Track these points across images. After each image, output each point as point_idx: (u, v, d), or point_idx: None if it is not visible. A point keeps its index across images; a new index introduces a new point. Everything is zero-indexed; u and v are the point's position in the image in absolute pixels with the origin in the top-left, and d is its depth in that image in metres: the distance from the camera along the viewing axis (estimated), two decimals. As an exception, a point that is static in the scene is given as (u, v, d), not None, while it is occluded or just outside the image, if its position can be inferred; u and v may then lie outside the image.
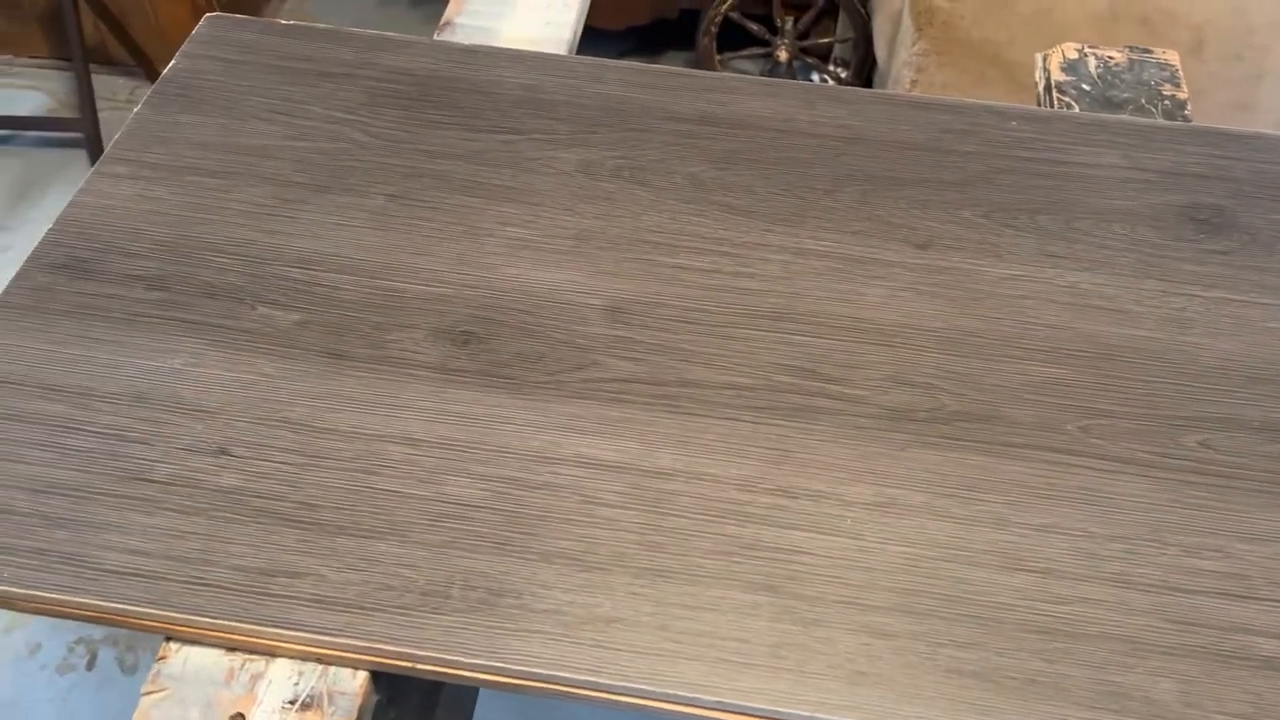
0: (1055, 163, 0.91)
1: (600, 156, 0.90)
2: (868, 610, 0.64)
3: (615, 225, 0.85)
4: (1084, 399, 0.75)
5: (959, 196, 0.88)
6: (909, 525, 0.68)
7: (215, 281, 0.79)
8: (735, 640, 0.63)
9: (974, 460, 0.71)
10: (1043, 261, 0.83)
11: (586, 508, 0.68)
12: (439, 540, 0.66)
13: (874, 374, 0.76)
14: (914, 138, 0.93)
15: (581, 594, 0.64)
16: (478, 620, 0.63)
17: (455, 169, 0.88)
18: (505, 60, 0.98)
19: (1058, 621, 0.64)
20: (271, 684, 0.63)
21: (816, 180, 0.89)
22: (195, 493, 0.68)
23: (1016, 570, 0.66)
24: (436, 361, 0.75)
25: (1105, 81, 1.04)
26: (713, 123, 0.93)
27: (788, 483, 0.70)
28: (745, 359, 0.77)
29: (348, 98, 0.94)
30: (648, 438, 0.72)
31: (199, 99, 0.93)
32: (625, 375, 0.75)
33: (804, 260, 0.83)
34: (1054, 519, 0.69)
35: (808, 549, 0.67)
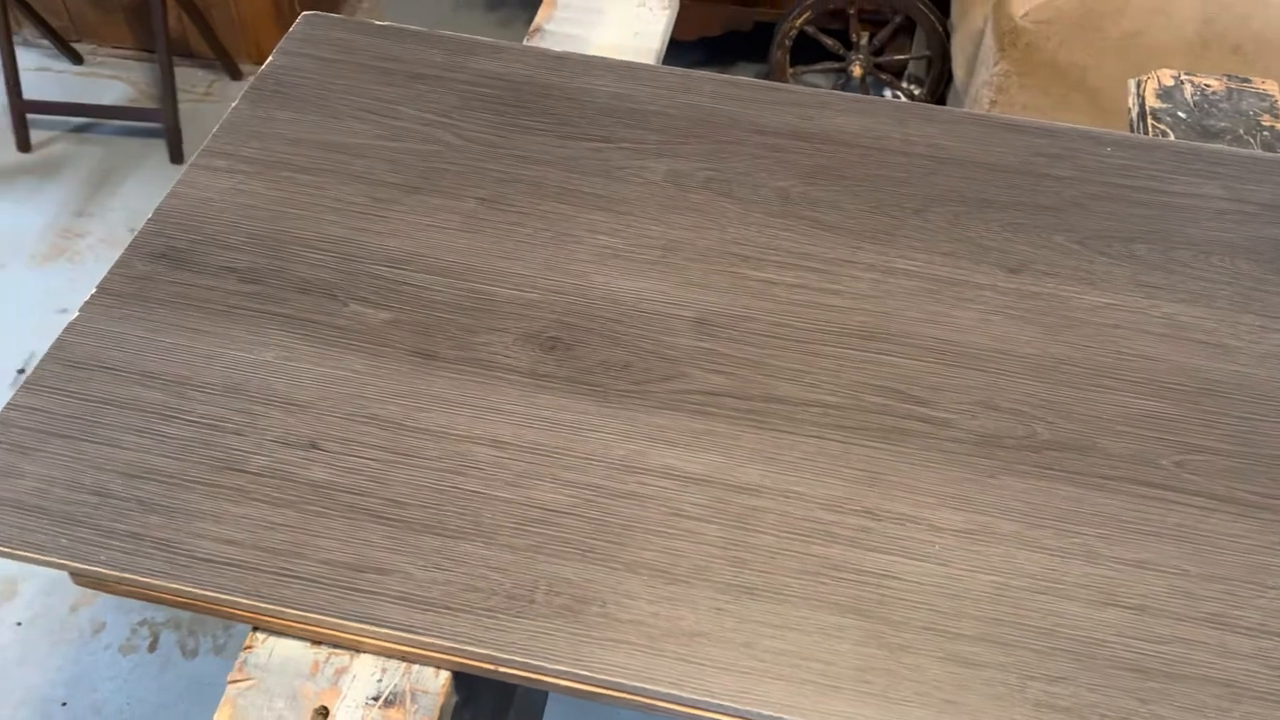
0: (1152, 191, 0.89)
1: (689, 167, 0.90)
2: (955, 638, 0.63)
3: (703, 237, 0.85)
4: (1180, 434, 0.73)
5: (1053, 221, 0.87)
6: (998, 554, 0.67)
7: (308, 277, 0.80)
8: (820, 662, 0.62)
9: (1066, 491, 0.70)
10: (1138, 291, 0.82)
11: (672, 519, 0.68)
12: (525, 544, 0.66)
13: (964, 398, 0.75)
14: (1007, 160, 0.92)
15: (666, 606, 0.64)
16: (562, 626, 0.63)
17: (546, 175, 0.89)
18: (596, 68, 0.99)
19: (1153, 660, 0.63)
20: (356, 679, 0.63)
21: (907, 199, 0.88)
22: (286, 485, 0.68)
23: (1109, 605, 0.65)
24: (525, 366, 0.75)
25: (1202, 110, 1.02)
26: (802, 137, 0.93)
27: (875, 505, 0.69)
28: (833, 377, 0.76)
29: (440, 100, 0.94)
30: (733, 452, 0.72)
31: (294, 96, 0.94)
32: (711, 388, 0.75)
33: (893, 279, 0.82)
34: (1149, 555, 0.67)
35: (895, 573, 0.66)
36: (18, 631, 1.45)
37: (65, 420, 0.71)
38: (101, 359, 0.75)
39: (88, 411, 0.72)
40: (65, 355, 0.75)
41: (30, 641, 1.44)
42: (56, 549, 0.65)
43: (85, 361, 0.74)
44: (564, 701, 1.36)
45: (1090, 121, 1.48)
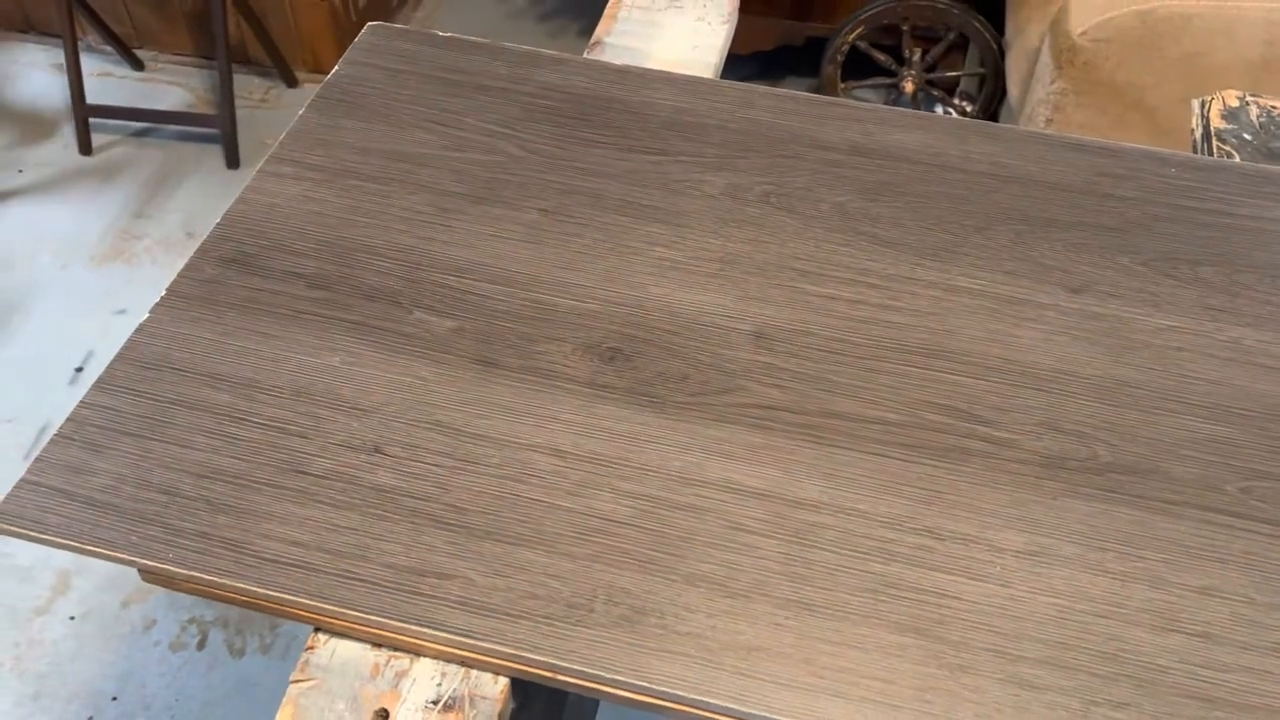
0: (1218, 213, 0.88)
1: (748, 181, 0.90)
2: (1017, 660, 0.63)
3: (761, 251, 0.85)
4: (1247, 459, 0.72)
5: (1116, 242, 0.86)
6: (1060, 576, 0.66)
7: (374, 284, 0.82)
8: (880, 680, 0.62)
9: (1129, 515, 0.69)
10: (1203, 314, 0.81)
11: (730, 533, 0.68)
12: (584, 553, 0.67)
13: (1027, 419, 0.75)
14: (1070, 179, 0.91)
15: (724, 619, 0.64)
16: (621, 636, 0.63)
17: (607, 187, 0.89)
18: (656, 82, 0.99)
19: (1218, 689, 0.62)
20: (416, 682, 0.64)
21: (968, 217, 0.88)
22: (350, 488, 0.69)
23: (1174, 632, 0.64)
24: (585, 376, 0.76)
25: (1268, 132, 1.00)
26: (862, 153, 0.93)
27: (935, 524, 0.69)
28: (892, 394, 0.76)
29: (503, 111, 0.96)
30: (792, 467, 0.72)
31: (360, 105, 0.96)
32: (770, 402, 0.75)
33: (954, 297, 0.82)
34: (1214, 581, 0.66)
35: (955, 593, 0.66)
36: (71, 626, 1.48)
37: (136, 420, 0.73)
38: (171, 360, 0.76)
39: (157, 411, 0.73)
40: (136, 356, 0.76)
41: (83, 636, 1.47)
42: (127, 545, 0.66)
43: (155, 362, 0.76)
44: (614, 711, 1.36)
45: (1148, 141, 1.47)
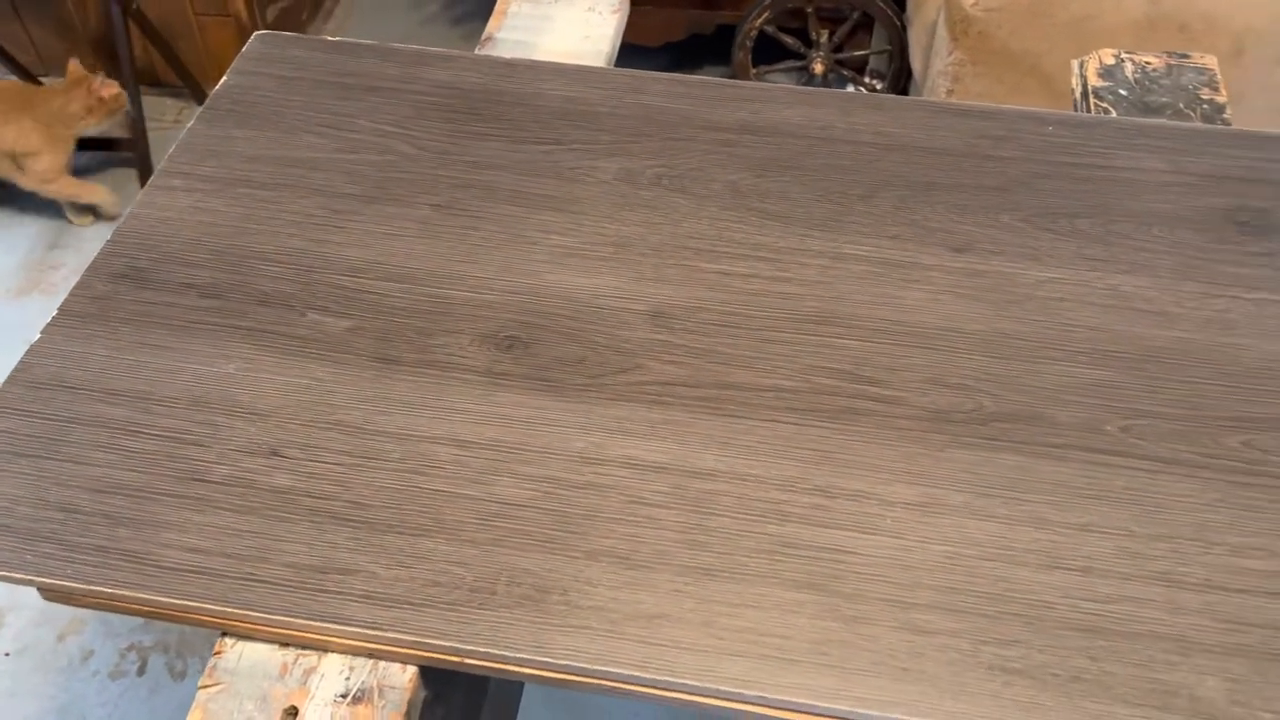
0: (1095, 167, 0.91)
1: (640, 165, 0.92)
2: (910, 608, 0.65)
3: (656, 232, 0.86)
4: (1125, 400, 0.75)
5: (997, 201, 0.89)
6: (949, 524, 0.68)
7: (268, 289, 0.82)
8: (779, 637, 0.63)
9: (1014, 461, 0.72)
10: (1081, 264, 0.84)
11: (631, 507, 0.69)
12: (487, 538, 0.68)
13: (914, 376, 0.77)
14: (951, 144, 0.94)
15: (626, 591, 0.65)
16: (524, 616, 0.64)
17: (500, 179, 0.90)
18: (546, 73, 1.00)
19: (1102, 620, 0.64)
20: (324, 678, 0.64)
21: (854, 186, 0.90)
22: (250, 492, 0.70)
23: (1058, 569, 0.66)
24: (483, 366, 0.77)
25: (1143, 87, 1.04)
26: (751, 131, 0.95)
27: (828, 483, 0.71)
28: (786, 362, 0.78)
29: (395, 111, 0.96)
30: (690, 439, 0.73)
31: (250, 114, 0.96)
32: (667, 378, 0.76)
33: (843, 265, 0.84)
34: (1096, 518, 0.69)
35: (849, 548, 0.67)
36: (7, 663, 1.45)
37: (29, 440, 0.72)
38: (64, 379, 0.76)
39: (52, 431, 0.73)
40: (28, 377, 0.76)
41: (20, 673, 1.44)
42: (22, 565, 0.66)
43: (48, 382, 0.75)
44: (546, 696, 1.37)
45: (1046, 106, 1.50)
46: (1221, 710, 0.60)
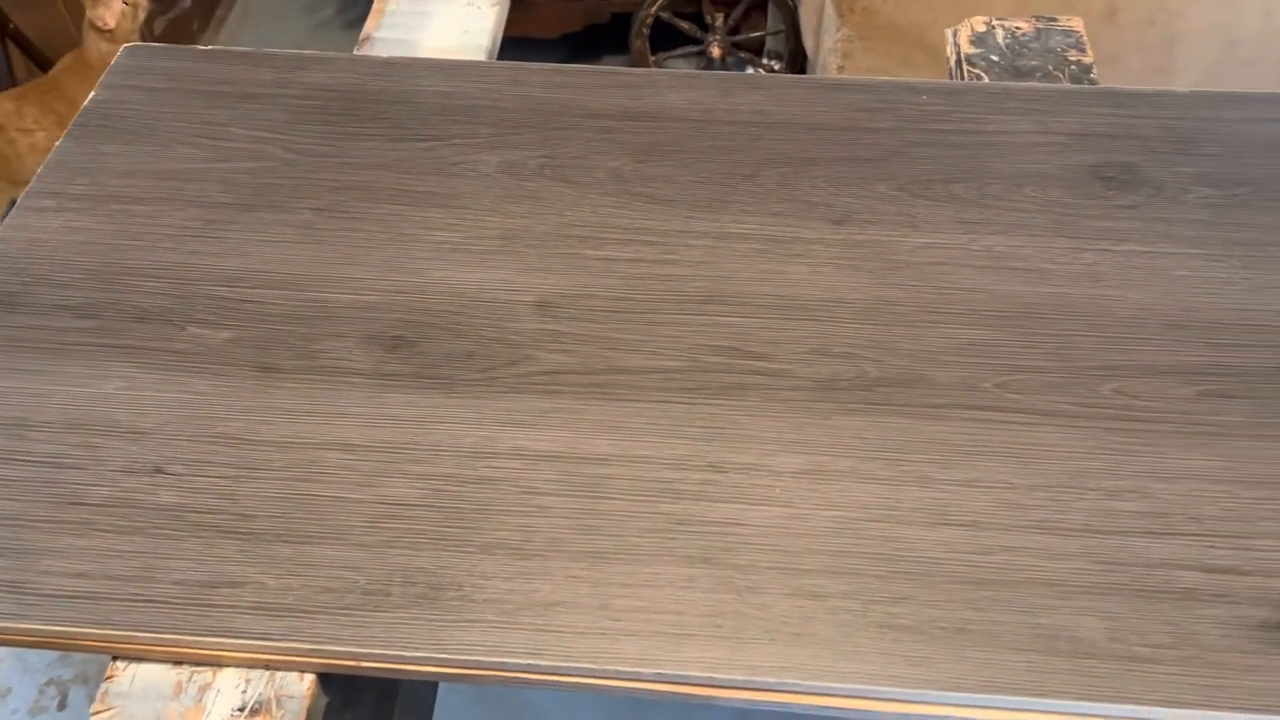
0: (967, 132, 0.93)
1: (522, 157, 0.91)
2: (801, 574, 0.66)
3: (540, 222, 0.86)
4: (1002, 357, 0.77)
5: (874, 171, 0.90)
6: (837, 490, 0.70)
7: (145, 305, 0.80)
8: (673, 613, 0.64)
9: (898, 423, 0.73)
10: (957, 228, 0.86)
11: (523, 498, 0.69)
12: (378, 541, 0.67)
13: (799, 348, 0.78)
14: (830, 118, 0.95)
15: (521, 581, 0.65)
16: (420, 615, 0.64)
17: (380, 179, 0.89)
18: (424, 70, 0.99)
19: (985, 571, 0.66)
20: (220, 693, 0.64)
21: (736, 166, 0.91)
22: (132, 512, 0.68)
23: (943, 525, 0.68)
24: (368, 368, 0.76)
25: (1013, 51, 1.06)
26: (632, 117, 0.95)
27: (718, 458, 0.72)
28: (674, 343, 0.78)
29: (270, 117, 0.94)
30: (580, 426, 0.73)
31: (121, 128, 0.93)
32: (556, 367, 0.77)
33: (727, 244, 0.85)
34: (978, 474, 0.71)
35: (740, 520, 0.68)
36: (-83, 710, 1.41)
37: (-101, 477, 0.70)
38: (-66, 411, 0.73)
39: (-77, 465, 0.71)
40: (-105, 412, 0.73)
41: (-68, 718, 1.40)
42: (-104, 605, 0.64)
43: (-83, 416, 0.73)
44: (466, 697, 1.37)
45: (934, 76, 1.53)
46: (1101, 648, 0.62)
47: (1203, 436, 0.72)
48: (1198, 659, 0.62)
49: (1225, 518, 0.68)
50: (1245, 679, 0.61)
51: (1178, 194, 0.88)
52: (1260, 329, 0.78)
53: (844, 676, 0.61)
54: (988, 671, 0.61)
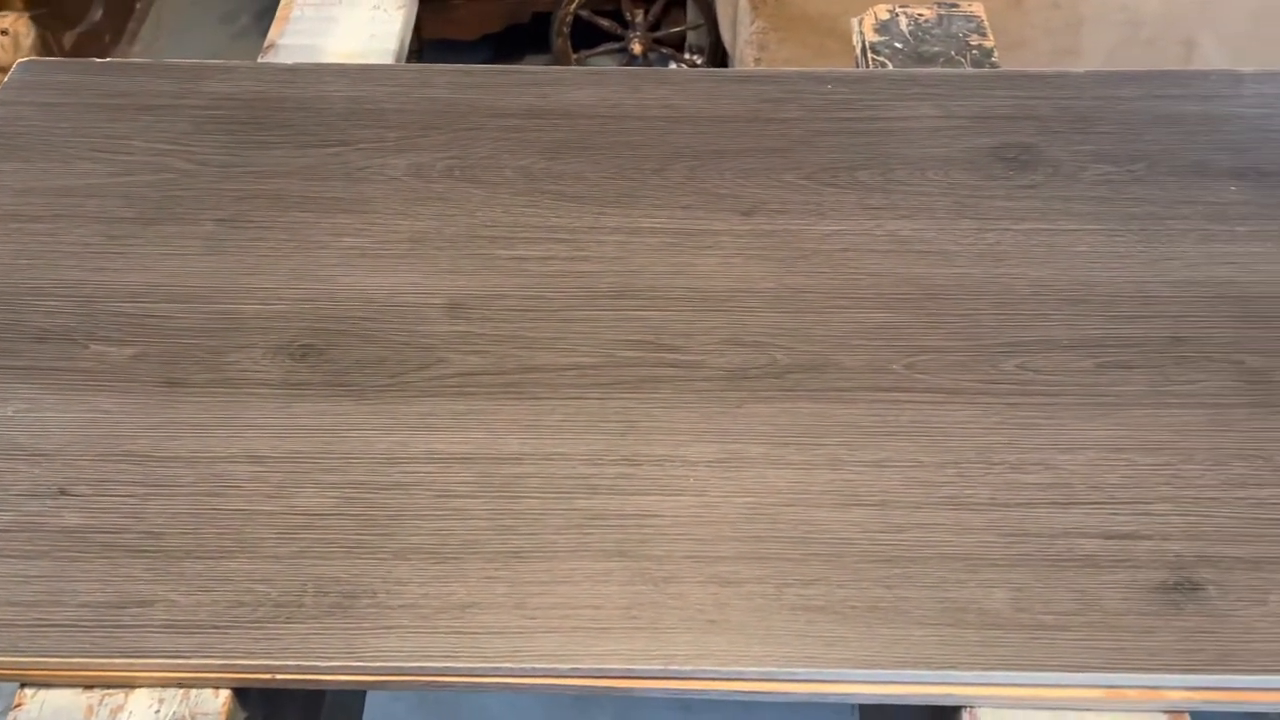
0: (871, 119, 0.95)
1: (430, 159, 0.91)
2: (715, 561, 0.66)
3: (450, 224, 0.86)
4: (909, 338, 0.78)
5: (782, 162, 0.91)
6: (750, 476, 0.71)
7: (46, 325, 0.78)
8: (590, 608, 0.64)
9: (808, 408, 0.74)
10: (863, 215, 0.87)
11: (438, 501, 0.69)
12: (290, 552, 0.66)
13: (710, 339, 0.78)
14: (736, 110, 0.96)
15: (436, 585, 0.65)
16: (334, 624, 0.63)
17: (286, 187, 0.88)
18: (329, 75, 0.99)
19: (896, 549, 0.67)
20: (133, 715, 0.62)
21: (645, 161, 0.91)
22: (36, 536, 0.67)
23: (854, 506, 0.69)
24: (277, 378, 0.75)
25: (917, 38, 1.08)
26: (541, 115, 0.95)
27: (633, 452, 0.72)
28: (587, 339, 0.79)
29: (171, 128, 0.93)
30: (495, 426, 0.73)
31: (16, 145, 0.91)
32: (469, 369, 0.76)
33: (638, 238, 0.85)
34: (887, 454, 0.72)
35: (655, 511, 0.69)
36: None
37: None
38: None
39: None
40: None
41: None
42: None
43: None
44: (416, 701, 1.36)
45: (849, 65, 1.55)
46: (1008, 618, 0.64)
47: (1103, 407, 0.74)
48: (1100, 624, 0.64)
49: (1125, 485, 0.70)
50: (1143, 640, 0.63)
51: (1076, 172, 0.90)
52: (1156, 300, 0.80)
53: (759, 660, 0.62)
54: (899, 647, 0.63)
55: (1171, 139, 0.93)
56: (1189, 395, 0.75)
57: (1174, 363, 0.76)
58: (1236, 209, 0.87)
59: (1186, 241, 0.85)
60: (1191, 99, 0.96)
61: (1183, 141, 0.93)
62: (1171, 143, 0.93)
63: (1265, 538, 0.67)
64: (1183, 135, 0.93)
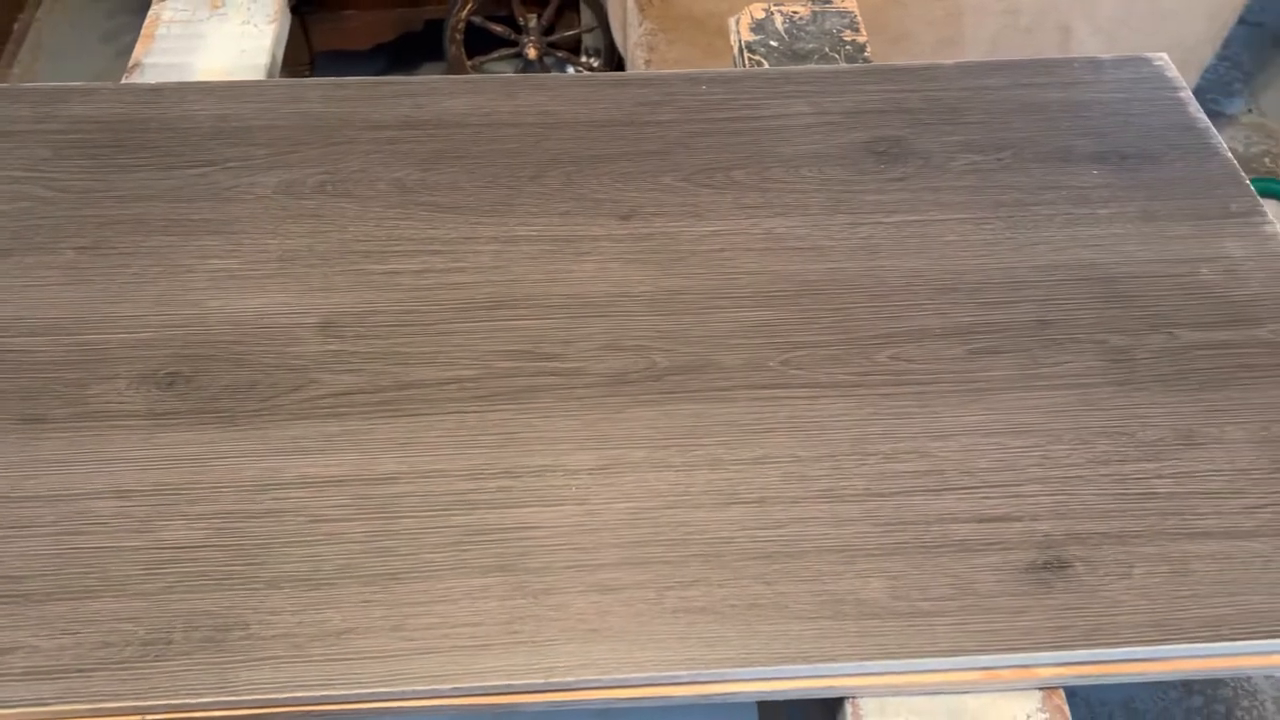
0: (746, 119, 0.96)
1: (301, 175, 0.89)
2: (596, 570, 0.66)
3: (322, 241, 0.84)
4: (785, 335, 0.79)
5: (659, 164, 0.91)
6: (631, 481, 0.70)
7: (-108, 366, 0.75)
8: (469, 625, 0.64)
9: (689, 409, 0.74)
10: (739, 214, 0.87)
11: (311, 526, 0.68)
12: (158, 587, 0.64)
13: (590, 345, 0.78)
14: (613, 114, 0.96)
15: (311, 613, 0.64)
16: (205, 659, 0.62)
17: (151, 210, 0.86)
18: (195, 94, 0.96)
19: (775, 545, 0.67)
20: (-6, 770, 0.60)
21: (521, 168, 0.91)
22: (-116, 589, 0.64)
23: (734, 504, 0.69)
24: (142, 408, 0.73)
25: (792, 35, 1.09)
26: (414, 126, 0.94)
27: (513, 464, 0.71)
28: (464, 352, 0.78)
29: (28, 155, 0.90)
30: (370, 447, 0.72)
31: None
32: (343, 388, 0.75)
33: (515, 247, 0.85)
34: (766, 450, 0.72)
35: (535, 523, 0.68)
36: None
37: None
38: None
39: None
40: None
41: None
42: None
43: None
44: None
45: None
46: (885, 607, 0.65)
47: (974, 392, 0.75)
48: (974, 607, 0.65)
49: (996, 468, 0.71)
50: (1016, 620, 0.64)
51: (945, 162, 0.92)
52: (1023, 285, 0.82)
53: (640, 666, 0.62)
54: (778, 643, 0.63)
55: (1036, 127, 0.95)
56: (1056, 377, 0.76)
57: (1041, 345, 0.78)
58: (1098, 192, 0.90)
59: (1052, 226, 0.87)
60: (1055, 86, 0.99)
61: (1047, 129, 0.95)
62: (1036, 130, 0.95)
63: (1129, 512, 0.69)
64: (1047, 122, 0.96)
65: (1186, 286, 0.83)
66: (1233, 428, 0.74)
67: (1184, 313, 0.81)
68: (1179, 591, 0.66)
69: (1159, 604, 0.65)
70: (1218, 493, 0.70)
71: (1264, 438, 0.73)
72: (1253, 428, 0.74)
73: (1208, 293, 0.83)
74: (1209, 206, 0.89)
